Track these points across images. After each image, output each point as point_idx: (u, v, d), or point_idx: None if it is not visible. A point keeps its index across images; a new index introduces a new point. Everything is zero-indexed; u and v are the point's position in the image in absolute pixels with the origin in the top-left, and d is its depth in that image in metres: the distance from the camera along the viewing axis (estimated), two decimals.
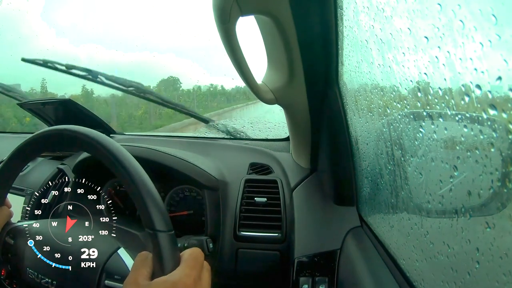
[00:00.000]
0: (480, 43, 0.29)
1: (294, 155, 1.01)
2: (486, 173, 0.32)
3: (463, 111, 0.34)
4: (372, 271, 0.61)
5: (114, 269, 0.60)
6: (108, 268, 0.60)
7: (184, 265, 0.45)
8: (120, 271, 0.59)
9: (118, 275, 0.58)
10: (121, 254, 0.62)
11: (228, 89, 2.24)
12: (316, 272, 0.72)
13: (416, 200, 0.50)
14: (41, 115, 1.25)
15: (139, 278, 0.44)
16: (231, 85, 2.15)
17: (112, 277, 0.59)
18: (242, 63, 0.61)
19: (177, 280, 0.42)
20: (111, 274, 0.59)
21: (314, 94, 0.73)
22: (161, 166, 0.89)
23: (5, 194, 0.61)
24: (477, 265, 0.35)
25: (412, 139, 0.49)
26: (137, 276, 0.44)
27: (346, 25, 0.61)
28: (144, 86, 1.19)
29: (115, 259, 0.61)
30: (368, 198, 0.74)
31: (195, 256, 0.47)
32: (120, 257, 0.62)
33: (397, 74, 0.47)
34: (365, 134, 0.68)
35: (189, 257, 0.46)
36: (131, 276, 0.45)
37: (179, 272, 0.44)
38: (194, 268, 0.45)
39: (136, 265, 0.46)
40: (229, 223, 0.88)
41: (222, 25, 0.55)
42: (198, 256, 0.47)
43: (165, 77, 2.16)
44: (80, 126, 0.53)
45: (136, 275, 0.44)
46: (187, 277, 0.43)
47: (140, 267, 0.45)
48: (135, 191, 0.47)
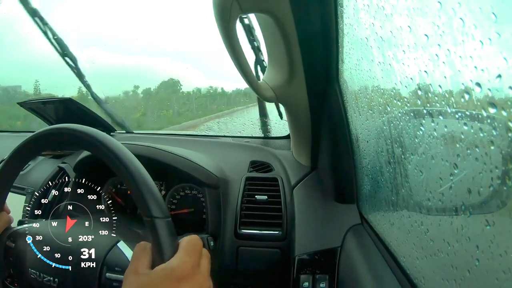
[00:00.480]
0: (480, 41, 0.29)
1: (295, 153, 1.01)
2: (486, 171, 0.32)
3: (463, 109, 0.34)
4: (373, 268, 0.61)
5: (114, 262, 0.60)
6: (108, 261, 0.60)
7: (182, 251, 0.45)
8: (120, 263, 0.59)
9: (119, 267, 0.59)
10: (121, 247, 0.63)
11: (228, 91, 2.22)
12: (316, 269, 0.72)
13: (417, 198, 0.51)
14: (41, 114, 1.25)
15: (139, 267, 0.44)
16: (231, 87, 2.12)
17: (113, 269, 0.59)
18: (242, 61, 0.60)
19: (175, 266, 0.43)
20: (111, 266, 0.59)
21: (315, 92, 0.73)
22: (162, 164, 0.89)
23: (6, 192, 0.61)
24: (477, 262, 0.35)
25: (412, 137, 0.49)
26: (137, 265, 0.44)
27: (346, 22, 0.61)
28: None
29: (115, 252, 0.62)
30: (369, 195, 0.74)
31: (193, 243, 0.47)
32: (120, 250, 0.62)
33: (397, 72, 0.47)
34: (366, 131, 0.68)
35: (187, 244, 0.46)
36: (131, 265, 0.45)
37: (177, 259, 0.44)
38: (192, 254, 0.45)
39: (136, 255, 0.46)
40: (229, 221, 0.88)
41: (222, 24, 0.55)
42: (196, 243, 0.47)
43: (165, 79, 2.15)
44: (81, 125, 0.53)
45: (136, 264, 0.44)
46: (185, 263, 0.43)
47: (140, 256, 0.45)
48: (131, 181, 0.48)
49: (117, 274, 0.58)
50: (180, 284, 0.42)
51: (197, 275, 0.44)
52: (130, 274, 0.44)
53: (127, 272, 0.44)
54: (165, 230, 0.46)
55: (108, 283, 0.58)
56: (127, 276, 0.44)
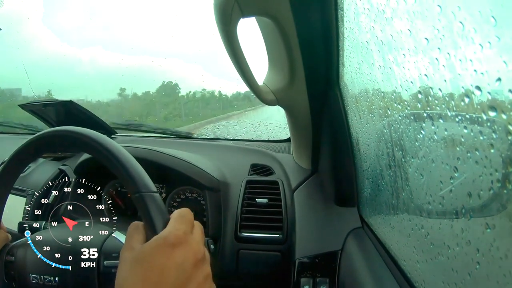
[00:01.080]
0: (479, 45, 0.29)
1: (295, 156, 1.01)
2: (486, 174, 0.32)
3: (463, 112, 0.34)
4: (373, 272, 0.61)
5: (110, 249, 0.61)
6: (104, 250, 0.61)
7: (173, 221, 0.46)
8: (117, 250, 0.60)
9: (116, 253, 0.60)
10: (117, 236, 0.64)
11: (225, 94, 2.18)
12: (317, 273, 0.72)
13: (417, 201, 0.51)
14: (42, 117, 1.25)
15: (134, 243, 0.44)
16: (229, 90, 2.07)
17: (110, 256, 0.60)
18: (243, 65, 0.61)
19: (167, 234, 0.43)
20: (108, 254, 0.60)
21: (315, 95, 0.73)
22: (162, 167, 0.89)
23: (6, 195, 0.61)
24: (478, 265, 0.35)
25: (412, 140, 0.49)
26: (131, 242, 0.45)
27: (347, 26, 0.61)
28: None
29: (111, 241, 0.63)
30: (369, 199, 0.74)
31: (183, 214, 0.47)
32: (115, 238, 0.63)
33: (398, 75, 0.48)
34: (366, 135, 0.68)
35: (177, 214, 0.47)
36: (125, 243, 0.45)
37: (169, 228, 0.44)
38: (182, 223, 0.46)
39: (130, 233, 0.46)
40: (230, 224, 0.88)
41: (223, 27, 0.55)
42: (186, 213, 0.48)
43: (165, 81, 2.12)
44: (81, 127, 0.53)
45: (130, 242, 0.45)
46: (177, 230, 0.43)
47: (133, 234, 0.46)
48: (116, 163, 0.48)
49: (114, 260, 0.59)
50: (174, 250, 0.42)
51: (190, 240, 0.44)
52: (125, 251, 0.44)
53: (122, 251, 0.45)
54: (154, 204, 0.47)
55: (107, 271, 0.59)
56: (123, 253, 0.44)
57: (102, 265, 0.60)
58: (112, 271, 0.59)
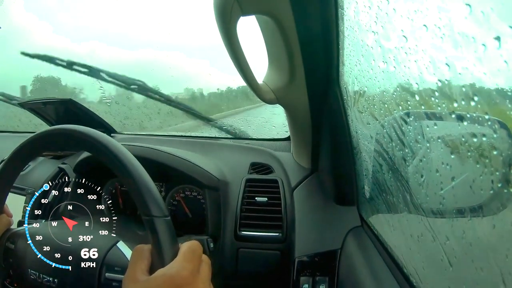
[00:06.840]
0: (481, 44, 0.29)
1: (295, 155, 1.01)
2: (486, 174, 0.32)
3: (464, 111, 0.34)
4: (373, 270, 0.61)
5: (113, 262, 0.60)
6: (107, 261, 0.60)
7: (182, 257, 0.45)
8: (120, 263, 0.60)
9: (118, 267, 0.59)
10: (120, 247, 0.63)
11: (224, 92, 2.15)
12: (316, 271, 0.72)
13: (417, 200, 0.51)
14: (42, 115, 1.25)
15: (138, 274, 0.43)
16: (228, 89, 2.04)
17: (112, 269, 0.59)
18: (243, 63, 0.61)
19: (175, 273, 0.42)
20: (111, 266, 0.59)
21: (315, 94, 0.73)
22: (162, 166, 0.89)
23: (6, 193, 0.61)
24: (477, 264, 0.35)
25: (412, 140, 0.49)
26: (136, 271, 0.44)
27: (347, 25, 0.61)
28: (147, 84, 1.20)
29: (115, 252, 0.62)
30: (369, 198, 0.74)
31: (193, 249, 0.46)
32: (119, 250, 0.62)
33: (398, 74, 0.47)
34: (366, 134, 0.68)
35: (187, 250, 0.46)
36: (129, 272, 0.44)
37: (177, 265, 0.43)
38: (191, 260, 0.45)
39: (133, 260, 0.45)
40: (229, 223, 0.88)
41: (223, 25, 0.55)
42: (196, 249, 0.47)
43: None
44: (81, 126, 0.53)
45: (134, 271, 0.44)
46: (185, 270, 0.43)
47: (138, 261, 0.45)
48: (130, 181, 0.47)
49: (116, 274, 0.58)
50: None
51: (197, 281, 0.44)
52: (128, 282, 0.43)
53: (125, 279, 0.44)
54: (165, 230, 0.46)
55: (108, 283, 0.58)
56: (125, 283, 0.43)
57: (103, 276, 0.59)
58: (113, 284, 0.58)
